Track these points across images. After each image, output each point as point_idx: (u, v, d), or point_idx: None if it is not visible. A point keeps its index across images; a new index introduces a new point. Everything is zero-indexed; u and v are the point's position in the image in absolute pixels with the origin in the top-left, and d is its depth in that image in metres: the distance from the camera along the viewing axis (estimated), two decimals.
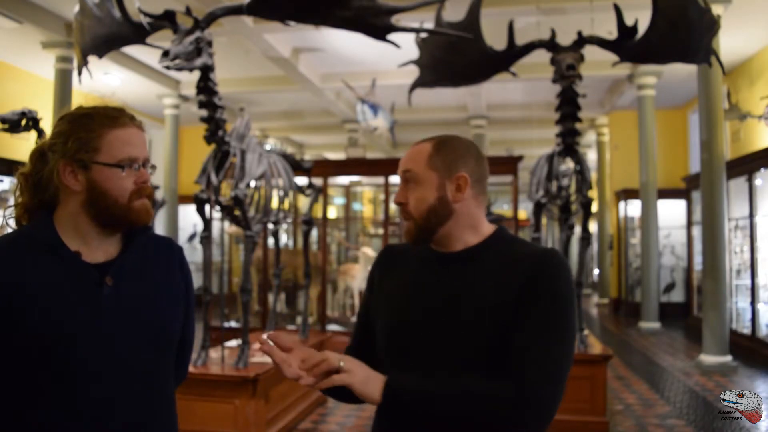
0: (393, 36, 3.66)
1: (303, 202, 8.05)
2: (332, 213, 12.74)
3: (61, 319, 1.17)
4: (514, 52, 4.63)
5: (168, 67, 3.57)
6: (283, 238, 9.27)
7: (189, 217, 11.92)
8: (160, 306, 1.32)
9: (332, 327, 7.85)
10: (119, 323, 1.23)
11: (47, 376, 1.16)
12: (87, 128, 1.24)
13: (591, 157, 15.13)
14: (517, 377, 1.17)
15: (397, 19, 3.70)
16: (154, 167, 1.34)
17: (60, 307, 1.18)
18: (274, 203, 4.88)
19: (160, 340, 1.30)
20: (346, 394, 1.33)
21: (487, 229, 1.37)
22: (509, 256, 1.29)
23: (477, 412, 1.17)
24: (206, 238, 4.31)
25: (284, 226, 6.50)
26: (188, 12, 3.80)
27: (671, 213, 11.07)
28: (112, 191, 1.24)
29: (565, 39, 4.70)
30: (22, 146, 6.16)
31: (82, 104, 1.30)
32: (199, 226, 4.99)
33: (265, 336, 1.23)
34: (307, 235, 5.85)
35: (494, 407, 1.17)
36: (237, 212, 4.32)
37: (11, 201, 1.34)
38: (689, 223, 10.50)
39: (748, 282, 7.64)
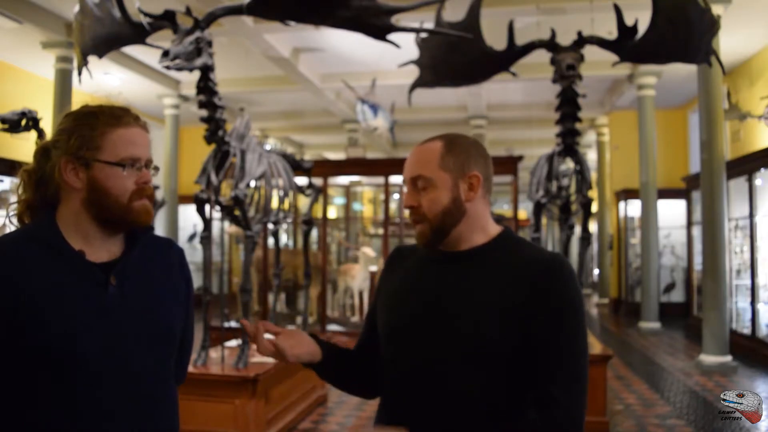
0: (393, 36, 3.65)
1: (303, 202, 8.04)
2: (332, 213, 12.74)
3: (65, 319, 1.16)
4: (514, 52, 4.63)
5: (168, 67, 3.57)
6: (283, 238, 9.27)
7: (189, 217, 11.91)
8: (163, 306, 1.31)
9: (332, 327, 7.84)
10: (123, 324, 1.22)
11: (49, 376, 1.16)
12: (90, 126, 1.24)
13: (591, 157, 15.12)
14: (553, 405, 1.19)
15: (397, 19, 3.70)
16: (156, 168, 1.33)
17: (63, 307, 1.17)
18: (274, 203, 4.88)
19: (162, 341, 1.30)
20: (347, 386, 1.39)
21: (494, 229, 1.36)
22: (516, 259, 1.28)
23: None
24: (206, 238, 4.31)
25: (284, 226, 6.50)
26: (188, 12, 3.81)
27: (671, 213, 11.07)
28: (112, 190, 1.24)
29: (565, 39, 4.70)
30: (22, 146, 6.15)
31: (88, 103, 1.30)
32: (199, 226, 4.99)
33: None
34: (307, 235, 5.85)
35: None
36: (237, 212, 4.32)
37: (12, 200, 1.33)
38: (689, 223, 10.48)
39: (748, 282, 7.63)
